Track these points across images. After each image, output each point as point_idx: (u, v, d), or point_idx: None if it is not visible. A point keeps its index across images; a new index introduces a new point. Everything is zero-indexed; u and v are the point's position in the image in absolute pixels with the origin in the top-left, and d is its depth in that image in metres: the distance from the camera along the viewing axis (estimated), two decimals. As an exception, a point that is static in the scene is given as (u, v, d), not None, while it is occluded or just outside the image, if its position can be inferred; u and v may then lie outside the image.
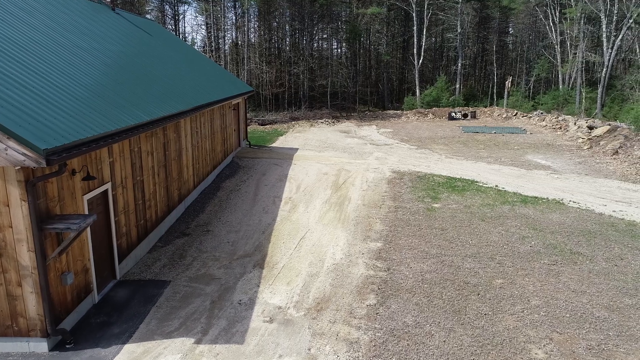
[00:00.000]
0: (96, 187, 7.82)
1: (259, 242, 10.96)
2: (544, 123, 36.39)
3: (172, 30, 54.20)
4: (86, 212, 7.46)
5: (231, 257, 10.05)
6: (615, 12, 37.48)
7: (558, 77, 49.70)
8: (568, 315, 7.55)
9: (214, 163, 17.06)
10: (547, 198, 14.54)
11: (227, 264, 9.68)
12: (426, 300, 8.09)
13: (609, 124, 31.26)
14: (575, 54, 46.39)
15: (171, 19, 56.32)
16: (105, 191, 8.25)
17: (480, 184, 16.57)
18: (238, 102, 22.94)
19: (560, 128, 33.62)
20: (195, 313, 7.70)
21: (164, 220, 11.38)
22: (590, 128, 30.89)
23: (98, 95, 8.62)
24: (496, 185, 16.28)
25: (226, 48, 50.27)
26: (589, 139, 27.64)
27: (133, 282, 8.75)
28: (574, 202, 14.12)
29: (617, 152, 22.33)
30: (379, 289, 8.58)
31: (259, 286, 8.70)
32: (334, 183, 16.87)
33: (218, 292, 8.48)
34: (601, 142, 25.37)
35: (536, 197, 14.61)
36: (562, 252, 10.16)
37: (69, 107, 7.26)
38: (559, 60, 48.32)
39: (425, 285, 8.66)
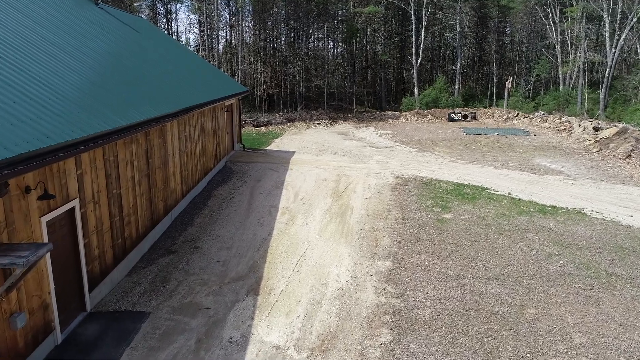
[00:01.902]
0: (58, 205, 6.57)
1: (254, 262, 9.74)
2: (546, 124, 35.39)
3: (165, 30, 52.82)
4: (45, 237, 6.22)
5: (222, 281, 8.82)
6: (619, 10, 36.57)
7: (558, 77, 48.82)
8: (622, 359, 6.39)
9: (205, 169, 15.81)
10: (567, 207, 13.42)
11: (217, 290, 8.45)
12: (450, 337, 6.91)
13: (615, 125, 30.36)
14: (576, 53, 45.53)
15: (163, 18, 54.95)
16: (72, 209, 7.00)
17: (491, 191, 15.44)
18: (231, 103, 21.70)
19: (565, 130, 32.61)
20: (177, 356, 6.47)
21: (146, 236, 10.13)
22: (596, 130, 29.92)
23: (66, 97, 7.36)
24: (509, 193, 15.15)
25: (220, 47, 48.99)
26: (596, 141, 26.63)
27: (106, 314, 7.51)
28: (596, 212, 13.01)
29: (630, 155, 21.29)
30: (392, 321, 7.39)
31: (253, 318, 7.48)
32: (334, 190, 15.68)
33: (205, 326, 7.25)
34: (610, 145, 24.34)
35: (554, 207, 13.48)
36: (597, 274, 9.02)
37: (25, 112, 6.01)
38: (559, 60, 47.42)
39: (447, 317, 7.48)
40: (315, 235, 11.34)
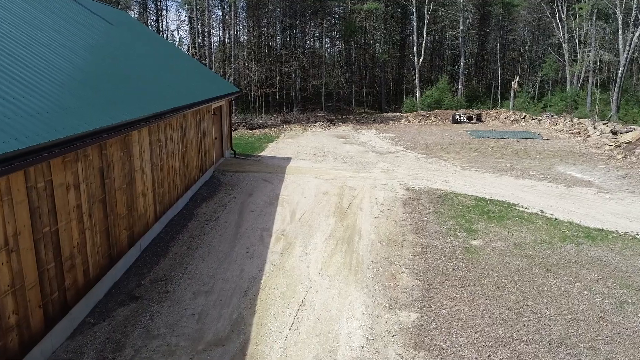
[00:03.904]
0: None
1: (239, 314, 7.51)
2: (558, 127, 33.36)
3: (155, 28, 50.48)
4: None
5: (194, 347, 6.58)
6: (635, 6, 34.57)
7: (565, 77, 46.86)
8: None
9: (186, 183, 13.56)
10: (616, 231, 11.28)
11: (187, 363, 6.22)
12: None
13: (634, 128, 28.38)
14: (584, 52, 43.58)
15: (155, 15, 52.59)
16: (-36, 267, 4.76)
17: (520, 209, 13.29)
18: (220, 105, 19.46)
19: (579, 133, 30.56)
20: None
21: (101, 278, 7.88)
22: (614, 133, 27.92)
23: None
24: (541, 211, 13.00)
25: (213, 45, 46.67)
26: (617, 146, 24.60)
27: (24, 411, 5.26)
28: (654, 237, 10.89)
29: (662, 163, 19.24)
30: (433, 421, 5.19)
31: (233, 417, 5.26)
32: (337, 207, 13.48)
33: None
34: (637, 151, 22.27)
35: (601, 230, 11.34)
36: (694, 335, 6.87)
37: None
38: (566, 59, 45.45)
39: (510, 414, 5.29)
40: (317, 271, 9.13)
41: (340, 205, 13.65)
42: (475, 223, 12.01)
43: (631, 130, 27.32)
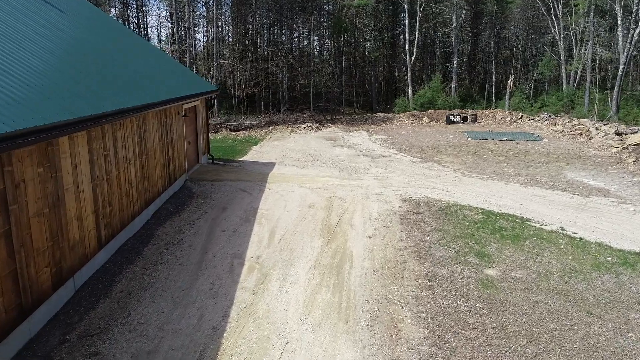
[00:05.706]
0: None
1: (188, 389, 5.53)
2: (557, 128, 31.81)
3: (136, 25, 48.11)
4: None
5: None
6: (636, 1, 33.11)
7: (561, 76, 45.46)
8: None
9: (147, 197, 11.51)
10: (656, 255, 9.49)
11: None
12: None
13: (639, 129, 26.94)
14: (581, 50, 42.19)
15: (135, 11, 50.18)
16: None
17: (536, 225, 11.46)
18: (195, 106, 17.42)
19: (581, 134, 29.00)
20: None
21: (5, 339, 5.84)
22: (619, 134, 26.40)
23: None
24: (561, 228, 11.19)
25: (194, 42, 44.43)
26: (624, 148, 23.03)
27: None
28: (703, 263, 9.11)
29: (681, 168, 17.61)
30: None
31: None
32: (324, 223, 11.55)
33: None
34: (648, 154, 20.70)
35: (638, 254, 9.53)
36: None
37: None
38: (562, 57, 44.03)
39: None
40: (297, 317, 7.16)
41: (328, 222, 11.71)
42: (487, 245, 10.14)
43: (637, 132, 25.85)
